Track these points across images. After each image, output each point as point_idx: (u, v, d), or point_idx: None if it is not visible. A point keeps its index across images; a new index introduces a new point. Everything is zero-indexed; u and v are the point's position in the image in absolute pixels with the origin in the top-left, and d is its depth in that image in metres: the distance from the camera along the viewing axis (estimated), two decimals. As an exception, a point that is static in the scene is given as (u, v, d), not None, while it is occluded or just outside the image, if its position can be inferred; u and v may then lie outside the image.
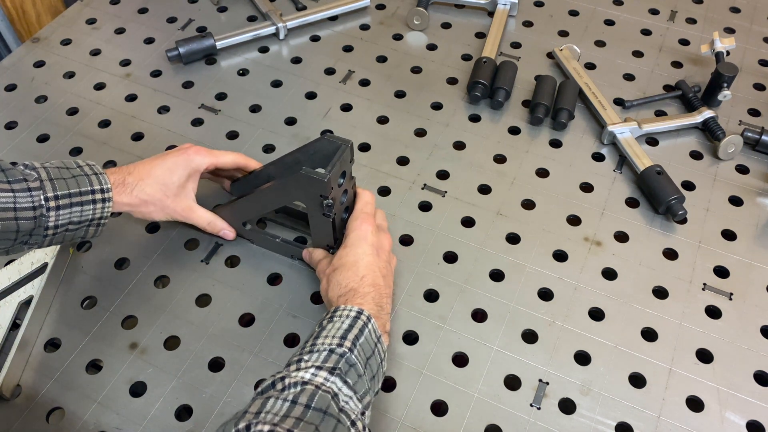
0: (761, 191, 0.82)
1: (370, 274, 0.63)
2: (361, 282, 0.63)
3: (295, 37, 1.02)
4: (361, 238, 0.65)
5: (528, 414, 0.64)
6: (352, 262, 0.64)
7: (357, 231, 0.66)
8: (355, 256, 0.64)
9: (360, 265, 0.64)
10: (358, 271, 0.63)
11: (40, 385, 0.66)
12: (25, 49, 1.00)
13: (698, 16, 1.05)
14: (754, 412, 0.64)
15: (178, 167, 0.70)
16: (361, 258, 0.64)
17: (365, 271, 0.63)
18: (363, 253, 0.64)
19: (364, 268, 0.63)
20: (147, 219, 0.72)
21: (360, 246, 0.65)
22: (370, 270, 0.64)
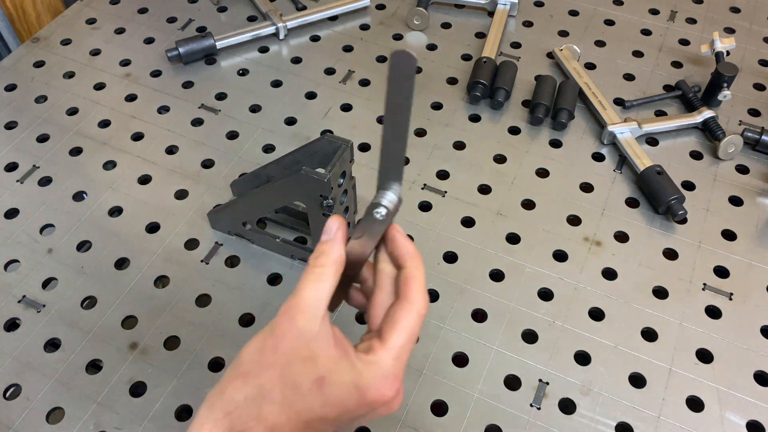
0: (761, 191, 0.82)
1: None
2: None
3: (295, 37, 1.02)
4: (353, 408, 0.40)
5: (528, 414, 0.64)
6: (297, 411, 0.39)
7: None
8: (308, 412, 0.40)
9: (295, 423, 0.40)
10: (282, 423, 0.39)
11: (40, 385, 0.66)
12: (25, 49, 1.00)
13: (698, 16, 1.05)
14: (754, 412, 0.64)
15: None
16: (312, 424, 0.40)
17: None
18: (320, 420, 0.40)
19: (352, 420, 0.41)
20: None
21: (336, 413, 0.40)
22: (276, 423, 0.40)
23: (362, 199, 0.80)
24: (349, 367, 0.40)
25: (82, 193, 0.82)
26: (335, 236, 0.43)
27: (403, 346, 0.41)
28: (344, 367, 0.40)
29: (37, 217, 0.79)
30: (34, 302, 0.72)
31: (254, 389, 0.39)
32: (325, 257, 0.42)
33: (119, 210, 0.80)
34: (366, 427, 0.63)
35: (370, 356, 0.40)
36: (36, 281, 0.74)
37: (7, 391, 0.66)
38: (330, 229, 0.43)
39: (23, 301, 0.72)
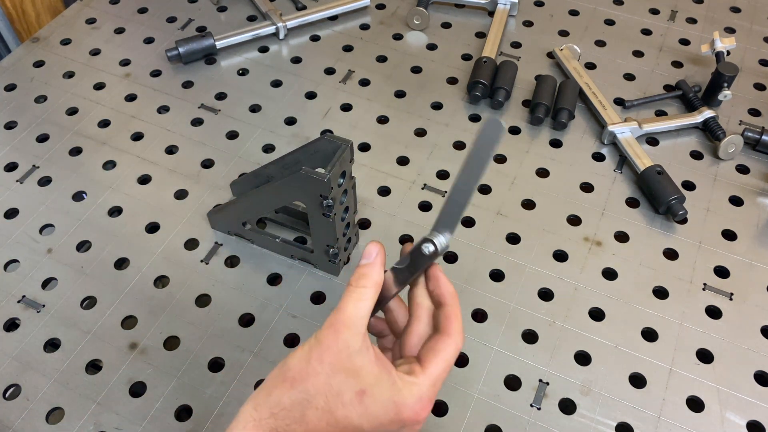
0: (761, 191, 0.82)
1: None
2: None
3: (295, 36, 1.02)
4: (388, 421, 0.43)
5: (528, 414, 0.64)
6: (336, 420, 0.42)
7: (402, 410, 0.42)
8: (345, 423, 0.42)
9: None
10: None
11: (40, 385, 0.66)
12: (24, 49, 1.00)
13: (698, 15, 1.04)
14: (755, 412, 0.64)
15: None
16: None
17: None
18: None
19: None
20: None
21: (369, 423, 0.42)
22: (316, 427, 0.42)
23: (362, 199, 0.80)
24: (390, 383, 0.42)
25: (82, 193, 0.82)
26: (375, 260, 0.46)
27: (441, 374, 0.44)
28: (385, 384, 0.42)
29: (36, 217, 0.79)
30: (34, 302, 0.72)
31: (300, 394, 0.42)
32: (366, 279, 0.45)
33: (119, 210, 0.80)
34: (366, 428, 0.63)
35: (411, 378, 0.43)
36: (36, 281, 0.73)
37: (7, 391, 0.66)
38: (370, 253, 0.46)
39: (23, 301, 0.72)
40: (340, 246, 0.71)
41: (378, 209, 0.80)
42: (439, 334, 0.45)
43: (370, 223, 0.79)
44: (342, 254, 0.73)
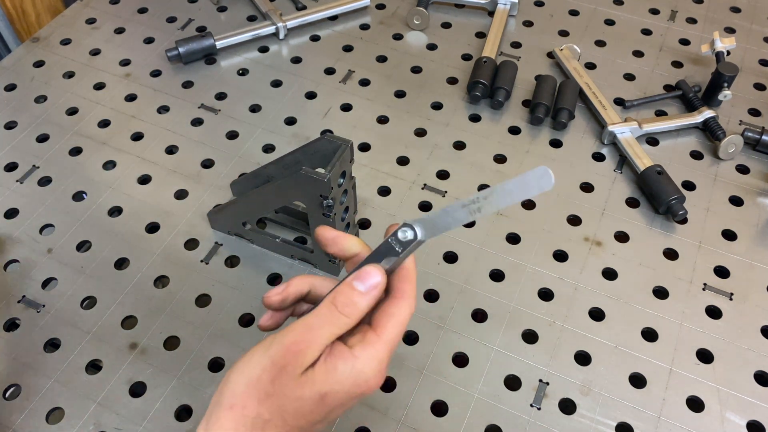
0: (762, 191, 0.82)
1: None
2: None
3: (295, 36, 1.02)
4: (352, 397, 0.42)
5: (528, 414, 0.64)
6: (300, 427, 0.41)
7: (361, 384, 0.41)
8: (313, 422, 0.41)
9: (337, 409, 0.42)
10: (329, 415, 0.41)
11: (39, 385, 0.66)
12: (24, 49, 1.00)
13: (698, 15, 1.04)
14: (755, 412, 0.64)
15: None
16: (314, 427, 0.42)
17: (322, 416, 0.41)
18: (324, 420, 0.42)
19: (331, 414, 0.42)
20: None
21: (337, 410, 0.42)
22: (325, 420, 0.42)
23: (362, 199, 0.80)
24: (348, 370, 0.40)
25: (82, 193, 0.82)
26: (372, 293, 0.42)
27: (396, 338, 0.42)
28: (344, 373, 0.40)
29: (36, 217, 0.79)
30: (34, 302, 0.72)
31: (252, 420, 0.40)
32: (354, 309, 0.42)
33: (119, 210, 0.80)
34: (366, 427, 0.63)
35: (368, 349, 0.41)
36: (36, 281, 0.73)
37: (7, 391, 0.66)
38: (368, 278, 0.42)
39: (23, 301, 0.72)
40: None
41: (378, 209, 0.80)
42: (393, 298, 0.43)
43: (370, 223, 0.79)
44: (342, 254, 0.73)
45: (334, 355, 0.41)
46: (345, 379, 0.40)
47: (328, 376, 0.40)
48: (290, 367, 0.40)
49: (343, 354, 0.41)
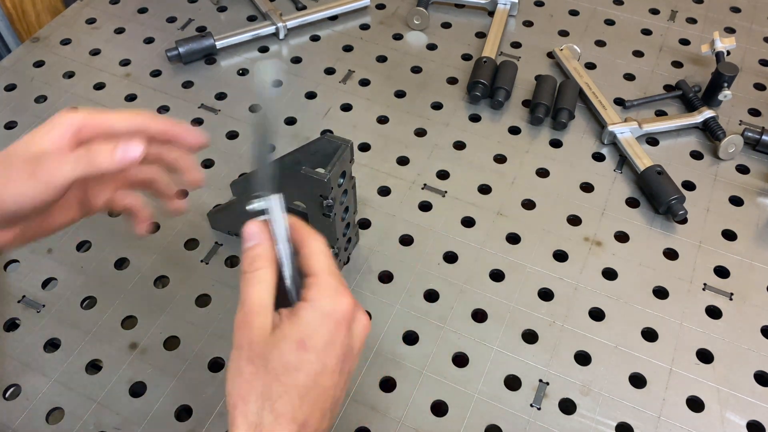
0: (762, 191, 0.82)
1: (313, 421, 0.41)
2: None
3: (295, 36, 1.02)
4: (334, 332, 0.42)
5: (528, 414, 0.64)
6: (305, 384, 0.40)
7: (331, 314, 0.42)
8: (314, 375, 0.41)
9: (313, 396, 0.41)
10: (303, 408, 0.40)
11: (39, 385, 0.66)
12: (24, 49, 1.00)
13: (698, 15, 1.05)
14: (755, 412, 0.64)
15: (35, 130, 0.46)
16: (322, 382, 0.41)
17: (310, 413, 0.41)
18: (329, 371, 0.41)
19: (315, 407, 0.41)
20: None
21: (330, 352, 0.41)
22: (315, 416, 0.41)
23: (362, 199, 0.80)
24: (308, 310, 0.42)
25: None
26: (262, 238, 0.44)
27: (327, 264, 0.44)
28: (306, 314, 0.41)
29: (36, 217, 0.79)
30: (34, 302, 0.72)
31: (259, 401, 0.40)
32: (260, 260, 0.43)
33: (119, 210, 0.80)
34: (366, 428, 0.63)
35: (313, 287, 0.42)
36: (36, 281, 0.73)
37: (7, 391, 0.66)
38: (252, 235, 0.44)
39: (23, 301, 0.72)
40: (340, 246, 0.71)
41: (378, 209, 0.80)
42: (300, 244, 0.45)
43: (370, 223, 0.79)
44: (342, 254, 0.73)
45: (294, 310, 0.42)
46: (312, 318, 0.41)
47: (295, 326, 0.41)
48: (254, 338, 0.41)
49: (299, 305, 0.42)
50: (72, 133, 0.46)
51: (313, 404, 0.41)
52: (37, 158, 0.44)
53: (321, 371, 0.41)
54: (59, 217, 0.50)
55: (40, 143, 0.45)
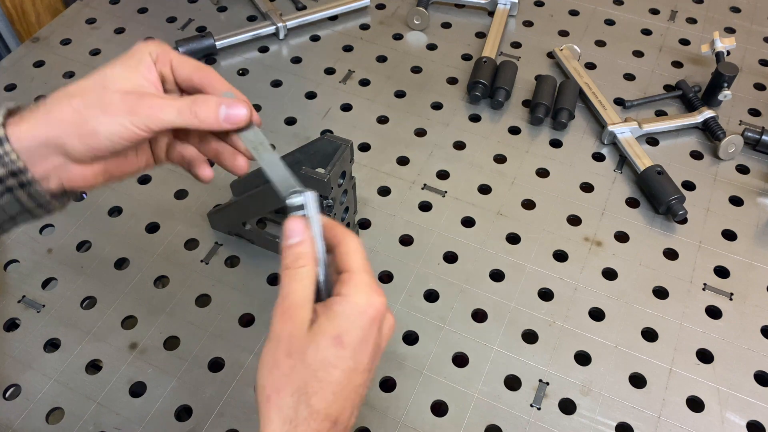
0: (762, 191, 0.82)
1: (344, 417, 0.41)
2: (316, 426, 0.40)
3: (295, 36, 1.02)
4: (368, 329, 0.42)
5: (528, 414, 0.64)
6: (339, 381, 0.41)
7: (366, 311, 0.42)
8: (348, 372, 0.41)
9: (346, 392, 0.41)
10: (335, 405, 0.41)
11: (39, 385, 0.66)
12: (24, 49, 1.00)
13: (698, 15, 1.04)
14: (755, 412, 0.64)
15: (124, 58, 0.46)
16: (354, 379, 0.42)
17: (342, 409, 0.41)
18: (360, 369, 0.42)
19: (347, 404, 0.41)
20: (81, 152, 0.44)
21: (363, 349, 0.42)
22: (346, 413, 0.41)
23: (362, 199, 0.80)
24: (344, 306, 0.42)
25: (82, 192, 0.82)
26: (305, 237, 0.44)
27: (363, 263, 0.44)
28: (344, 311, 0.42)
29: (36, 217, 0.79)
30: (34, 302, 0.72)
31: (294, 396, 0.40)
32: (304, 258, 0.43)
33: (119, 210, 0.80)
34: (366, 428, 0.63)
35: (349, 284, 0.43)
36: (36, 281, 0.73)
37: (7, 391, 0.66)
38: (295, 231, 0.44)
39: (23, 301, 0.72)
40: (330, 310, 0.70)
41: (378, 209, 0.80)
42: (337, 242, 0.45)
43: (370, 223, 0.79)
44: (342, 254, 0.73)
45: (329, 304, 0.42)
46: (348, 314, 0.42)
47: (332, 321, 0.41)
48: (294, 332, 0.41)
49: (334, 299, 0.42)
50: (153, 63, 0.46)
51: (344, 401, 0.41)
52: (137, 95, 0.44)
53: (354, 369, 0.41)
54: (134, 162, 0.49)
55: (132, 78, 0.45)
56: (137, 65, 0.45)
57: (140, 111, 0.43)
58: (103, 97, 0.44)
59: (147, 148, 0.50)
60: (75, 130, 0.43)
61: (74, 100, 0.44)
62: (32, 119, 0.43)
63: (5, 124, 0.43)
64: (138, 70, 0.45)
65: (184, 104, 0.44)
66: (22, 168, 0.42)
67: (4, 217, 0.44)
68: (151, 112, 0.43)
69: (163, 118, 0.44)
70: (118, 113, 0.43)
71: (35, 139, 0.43)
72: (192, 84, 0.47)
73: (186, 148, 0.51)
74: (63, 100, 0.44)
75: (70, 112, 0.43)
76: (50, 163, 0.43)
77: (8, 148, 0.42)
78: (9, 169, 0.42)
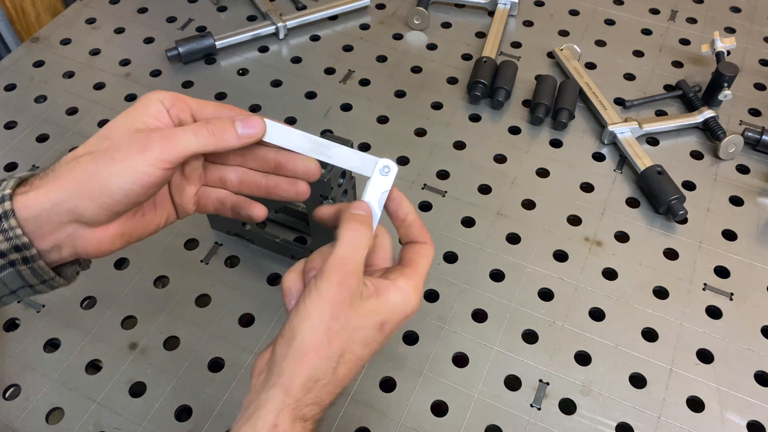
0: (762, 191, 0.82)
1: (344, 384, 0.44)
2: (321, 389, 0.42)
3: (295, 36, 1.02)
4: (399, 323, 0.45)
5: (528, 414, 0.64)
6: (362, 357, 0.43)
7: (408, 308, 0.45)
8: (372, 353, 0.44)
9: (359, 365, 0.44)
10: (350, 375, 0.43)
11: (39, 385, 0.66)
12: (24, 49, 1.00)
13: (699, 15, 1.04)
14: (755, 412, 0.64)
15: (129, 110, 0.45)
16: (368, 357, 0.44)
17: (349, 378, 0.43)
18: (377, 351, 0.45)
19: (350, 378, 0.44)
20: (89, 218, 0.41)
21: (388, 337, 0.45)
22: (348, 381, 0.44)
23: (362, 199, 0.80)
24: (398, 299, 0.44)
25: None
26: (376, 211, 0.46)
27: (426, 271, 0.47)
28: (397, 303, 0.44)
29: (36, 217, 0.79)
30: (34, 302, 0.72)
31: (330, 360, 0.41)
32: (368, 227, 0.45)
33: (119, 210, 0.80)
34: (366, 428, 0.63)
35: (410, 280, 0.45)
36: (36, 281, 0.73)
37: (7, 391, 0.66)
38: (361, 206, 0.46)
39: (23, 301, 0.72)
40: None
41: (378, 209, 0.80)
42: (417, 243, 0.47)
43: (370, 223, 0.79)
44: (342, 254, 0.73)
45: (385, 287, 0.44)
46: (398, 306, 0.44)
47: (384, 306, 0.43)
48: (346, 301, 0.42)
49: (390, 287, 0.44)
50: (166, 110, 0.45)
51: (355, 373, 0.44)
52: (146, 131, 0.41)
53: (374, 351, 0.44)
54: (153, 219, 0.47)
55: (141, 120, 0.43)
56: (144, 110, 0.44)
57: (152, 145, 0.41)
58: (111, 145, 0.41)
59: (167, 200, 0.48)
60: (85, 188, 0.40)
61: (81, 159, 0.41)
62: (41, 186, 0.41)
63: (14, 194, 0.40)
64: (145, 115, 0.44)
65: (198, 126, 0.43)
66: (26, 243, 0.40)
67: (4, 291, 0.43)
68: (164, 142, 0.41)
69: (179, 146, 0.42)
70: (128, 156, 0.40)
71: (44, 207, 0.40)
72: None
73: (219, 191, 0.49)
74: (71, 162, 0.41)
75: (79, 171, 0.40)
76: (62, 232, 0.41)
77: (13, 223, 0.40)
78: (13, 244, 0.40)
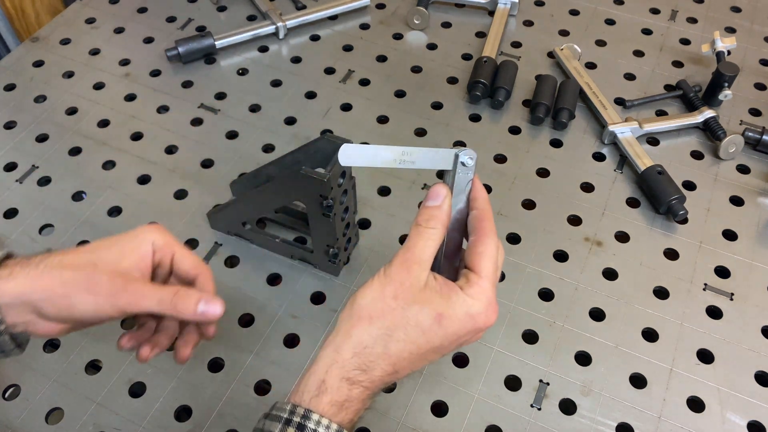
0: (762, 191, 0.82)
1: (400, 374, 0.47)
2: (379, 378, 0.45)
3: (295, 36, 1.02)
4: (464, 332, 0.46)
5: (528, 414, 0.64)
6: (419, 346, 0.45)
7: (475, 319, 0.46)
8: (428, 347, 0.45)
9: (415, 359, 0.46)
10: (403, 361, 0.45)
11: (39, 385, 0.66)
12: (24, 49, 1.00)
13: (699, 15, 1.04)
14: (755, 412, 0.64)
15: (122, 240, 0.50)
16: (428, 356, 0.46)
17: (404, 368, 0.46)
18: (438, 352, 0.47)
19: (409, 367, 0.47)
20: (66, 317, 0.47)
21: (450, 341, 0.46)
22: (405, 371, 0.47)
23: (362, 199, 0.80)
24: (461, 299, 0.45)
25: (81, 193, 0.82)
26: (443, 203, 0.47)
27: (494, 273, 0.47)
28: (457, 301, 0.45)
29: (36, 217, 0.79)
30: (34, 302, 0.72)
31: (380, 330, 0.44)
32: (435, 220, 0.47)
33: (119, 210, 0.80)
34: (366, 428, 0.63)
35: (473, 286, 0.46)
36: (35, 281, 0.73)
37: (7, 391, 0.66)
38: (438, 194, 0.47)
39: (23, 301, 0.72)
40: (340, 246, 0.71)
41: (378, 209, 0.80)
42: (477, 237, 0.47)
43: (370, 223, 0.79)
44: (342, 254, 0.73)
45: (448, 286, 0.46)
46: (458, 307, 0.45)
47: (443, 300, 0.45)
48: (407, 283, 0.45)
49: (455, 289, 0.46)
50: (152, 253, 0.50)
51: (411, 363, 0.45)
52: (123, 280, 0.47)
53: (434, 348, 0.45)
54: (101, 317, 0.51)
55: (127, 260, 0.49)
56: (133, 251, 0.49)
57: (122, 297, 0.47)
58: (92, 276, 0.47)
59: None
60: (55, 300, 0.46)
61: (65, 273, 0.46)
62: (19, 276, 0.46)
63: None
64: (131, 257, 0.49)
65: (166, 295, 0.48)
66: (1, 319, 0.46)
67: None
68: (133, 299, 0.47)
69: (142, 305, 0.47)
70: (100, 294, 0.46)
71: (17, 298, 0.46)
72: (187, 277, 0.52)
73: None
74: (55, 270, 0.46)
75: (58, 284, 0.46)
76: (22, 318, 0.46)
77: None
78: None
